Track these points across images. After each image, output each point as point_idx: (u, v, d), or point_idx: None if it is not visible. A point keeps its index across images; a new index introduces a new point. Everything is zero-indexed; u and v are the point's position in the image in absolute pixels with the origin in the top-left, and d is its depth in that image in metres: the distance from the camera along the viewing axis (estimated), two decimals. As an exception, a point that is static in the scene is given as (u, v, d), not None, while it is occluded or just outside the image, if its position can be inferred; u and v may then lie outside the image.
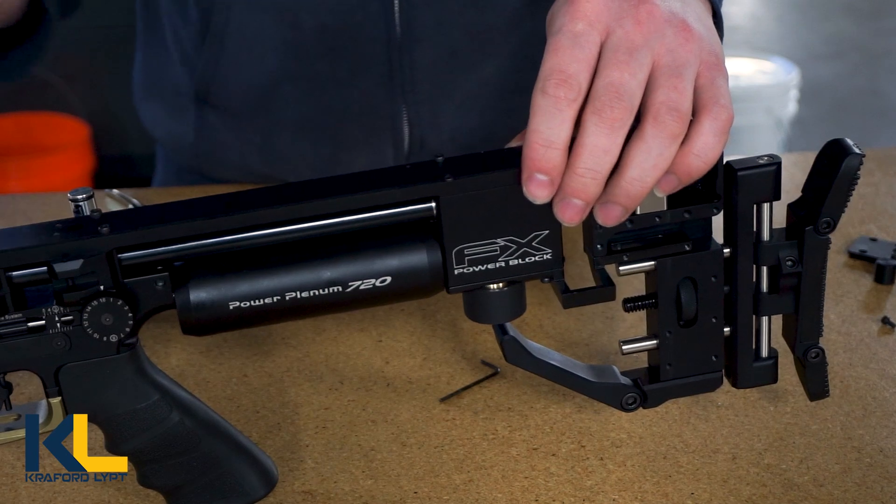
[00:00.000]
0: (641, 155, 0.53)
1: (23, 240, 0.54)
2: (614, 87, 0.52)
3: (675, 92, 0.53)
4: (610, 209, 0.54)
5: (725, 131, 0.54)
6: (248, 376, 0.78)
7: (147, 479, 0.62)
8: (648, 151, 0.53)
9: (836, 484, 0.65)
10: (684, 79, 0.54)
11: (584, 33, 0.54)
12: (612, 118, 0.52)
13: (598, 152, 0.52)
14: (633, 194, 0.53)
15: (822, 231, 0.60)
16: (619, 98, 0.52)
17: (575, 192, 0.53)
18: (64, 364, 0.57)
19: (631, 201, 0.54)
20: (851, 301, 0.83)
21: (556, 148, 0.52)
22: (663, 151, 0.53)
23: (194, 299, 0.56)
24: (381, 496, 0.66)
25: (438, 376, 0.77)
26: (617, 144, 0.52)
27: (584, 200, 0.53)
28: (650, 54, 0.54)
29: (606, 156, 0.52)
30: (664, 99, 0.53)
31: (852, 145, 0.58)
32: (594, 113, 0.52)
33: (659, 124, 0.53)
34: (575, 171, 0.53)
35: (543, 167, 0.53)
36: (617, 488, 0.66)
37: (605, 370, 0.65)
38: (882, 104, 3.96)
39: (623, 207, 0.54)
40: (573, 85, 0.53)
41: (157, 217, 0.56)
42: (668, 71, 0.54)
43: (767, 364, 0.64)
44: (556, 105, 0.52)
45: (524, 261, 0.59)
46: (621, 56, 0.53)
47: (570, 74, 0.53)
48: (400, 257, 0.57)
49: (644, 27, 0.54)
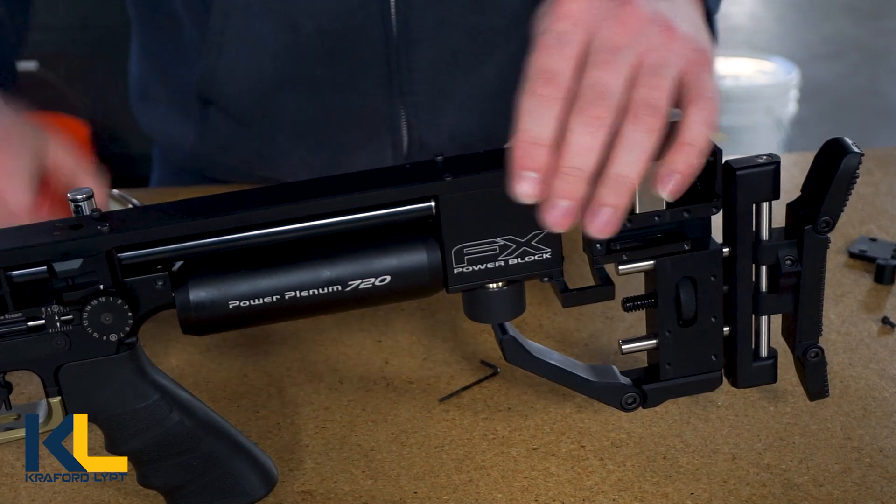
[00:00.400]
0: (624, 151, 0.53)
1: (23, 239, 0.55)
2: (598, 87, 0.53)
3: (654, 90, 0.54)
4: (600, 213, 0.54)
5: (713, 121, 0.55)
6: (248, 376, 0.78)
7: (147, 479, 0.62)
8: (629, 147, 0.53)
9: (836, 484, 0.65)
10: (664, 77, 0.54)
11: (568, 32, 0.55)
12: (596, 116, 0.53)
13: (582, 151, 0.53)
14: (620, 191, 0.54)
15: (821, 230, 0.60)
16: (602, 97, 0.53)
17: (562, 193, 0.53)
18: (64, 364, 0.57)
19: (619, 199, 0.54)
20: (851, 301, 0.83)
21: (543, 145, 0.53)
22: (644, 145, 0.53)
23: (194, 299, 0.56)
24: (381, 496, 0.66)
25: (438, 376, 0.77)
26: (601, 143, 0.53)
27: (571, 200, 0.53)
28: (633, 54, 0.54)
29: (591, 154, 0.53)
30: (643, 96, 0.54)
31: (851, 144, 0.58)
32: (578, 112, 0.53)
33: (637, 120, 0.53)
34: (560, 170, 0.53)
35: (530, 164, 0.53)
36: (617, 488, 0.66)
37: (604, 370, 0.65)
38: (882, 104, 3.96)
39: (612, 208, 0.54)
40: (559, 83, 0.54)
41: (156, 217, 0.56)
42: (649, 70, 0.54)
43: (767, 364, 0.64)
44: (542, 103, 0.53)
45: (523, 260, 0.59)
46: (604, 56, 0.54)
47: (555, 73, 0.54)
48: (399, 257, 0.57)
49: (627, 28, 0.55)
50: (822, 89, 3.98)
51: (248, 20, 0.93)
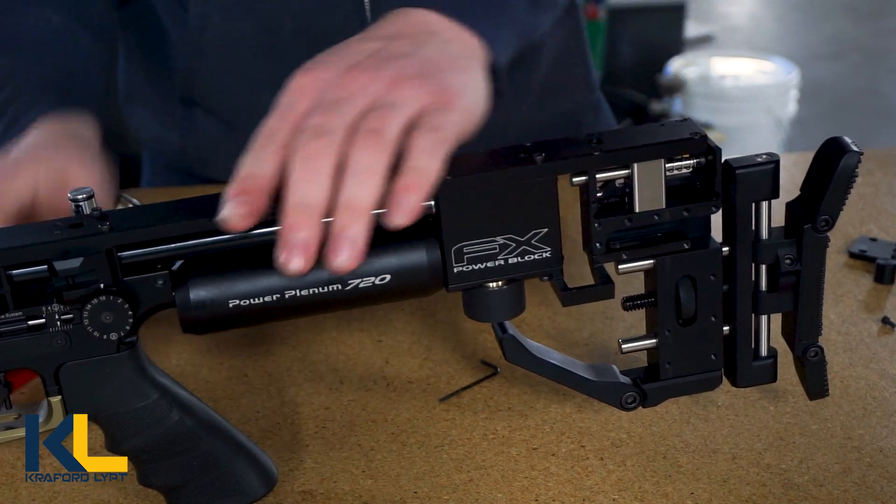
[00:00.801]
0: (349, 176, 0.53)
1: (23, 238, 0.55)
2: (315, 127, 0.53)
3: (380, 119, 0.54)
4: (337, 243, 0.52)
5: (440, 145, 0.54)
6: (248, 376, 0.78)
7: (147, 478, 0.62)
8: (355, 171, 0.52)
9: (836, 484, 0.65)
10: (393, 113, 0.54)
11: (290, 103, 0.56)
12: (313, 152, 0.53)
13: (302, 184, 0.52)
14: (354, 216, 0.52)
15: (820, 229, 0.60)
16: (318, 135, 0.53)
17: (291, 228, 0.52)
18: (64, 363, 0.57)
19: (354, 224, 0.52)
20: (851, 301, 0.83)
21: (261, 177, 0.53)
22: (369, 165, 0.53)
23: (194, 298, 0.56)
24: (381, 496, 0.66)
25: (438, 376, 0.77)
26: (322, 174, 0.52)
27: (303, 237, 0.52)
28: (357, 104, 0.55)
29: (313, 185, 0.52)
30: (366, 126, 0.54)
31: (850, 143, 0.58)
32: (295, 151, 0.53)
33: (360, 145, 0.53)
34: (286, 210, 0.53)
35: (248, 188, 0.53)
36: (617, 488, 0.66)
37: (604, 369, 0.65)
38: (882, 104, 3.97)
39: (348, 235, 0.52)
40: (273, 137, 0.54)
41: (157, 215, 0.56)
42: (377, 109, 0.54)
43: (767, 363, 0.65)
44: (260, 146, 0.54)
45: (523, 259, 0.59)
46: (325, 107, 0.54)
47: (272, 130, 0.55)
48: (399, 255, 0.57)
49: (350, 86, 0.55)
50: (822, 89, 3.98)
51: (226, 23, 0.93)
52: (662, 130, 0.59)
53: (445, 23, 0.63)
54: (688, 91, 3.21)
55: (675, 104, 3.24)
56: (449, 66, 0.59)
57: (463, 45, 0.62)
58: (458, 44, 0.62)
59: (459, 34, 0.63)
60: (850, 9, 4.94)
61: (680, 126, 0.59)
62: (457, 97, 0.57)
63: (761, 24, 4.94)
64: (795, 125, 3.34)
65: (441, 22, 0.63)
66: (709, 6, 5.00)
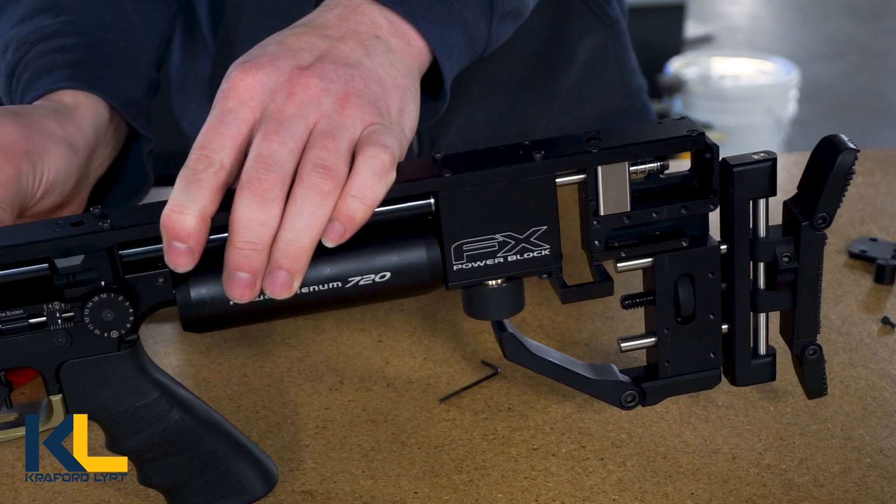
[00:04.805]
0: (293, 216, 0.52)
1: (24, 236, 0.55)
2: (262, 159, 0.53)
3: (324, 151, 0.53)
4: (275, 276, 0.53)
5: (385, 171, 0.54)
6: (248, 376, 0.78)
7: (147, 477, 0.62)
8: (300, 212, 0.52)
9: (836, 484, 0.65)
10: (337, 139, 0.54)
11: (233, 111, 0.54)
12: (263, 190, 0.52)
13: (252, 225, 0.52)
14: (293, 255, 0.53)
15: (817, 227, 0.60)
16: (268, 169, 0.52)
17: (238, 266, 0.53)
18: (65, 361, 0.57)
19: (293, 262, 0.53)
20: (851, 301, 0.83)
21: (191, 215, 0.52)
22: (315, 210, 0.52)
23: (195, 296, 0.56)
24: (381, 496, 0.66)
25: (438, 376, 0.77)
26: (273, 216, 0.52)
27: (250, 273, 0.53)
28: (303, 123, 0.54)
29: (263, 228, 0.52)
30: (311, 158, 0.53)
31: (846, 141, 0.58)
32: (244, 187, 0.52)
33: (306, 184, 0.53)
34: (234, 245, 0.53)
35: (179, 234, 0.52)
36: (617, 488, 0.66)
37: (604, 368, 0.65)
38: (882, 104, 3.97)
39: (287, 272, 0.53)
40: (212, 160, 0.53)
41: (158, 213, 0.56)
42: (320, 134, 0.54)
43: (765, 361, 0.65)
44: (195, 176, 0.53)
45: (522, 256, 0.59)
46: (272, 127, 0.54)
47: (211, 150, 0.53)
48: (399, 253, 0.57)
49: (297, 98, 0.54)
50: (822, 89, 3.98)
51: (259, 21, 0.93)
52: (660, 128, 0.59)
53: (390, 24, 0.61)
54: (688, 91, 3.21)
55: (676, 104, 3.24)
56: (393, 84, 0.58)
57: (405, 57, 0.61)
58: (401, 54, 0.61)
59: (404, 39, 0.61)
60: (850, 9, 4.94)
61: (677, 124, 0.59)
62: (397, 122, 0.57)
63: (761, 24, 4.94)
64: (795, 125, 3.34)
65: (387, 22, 0.61)
66: (709, 6, 5.00)
